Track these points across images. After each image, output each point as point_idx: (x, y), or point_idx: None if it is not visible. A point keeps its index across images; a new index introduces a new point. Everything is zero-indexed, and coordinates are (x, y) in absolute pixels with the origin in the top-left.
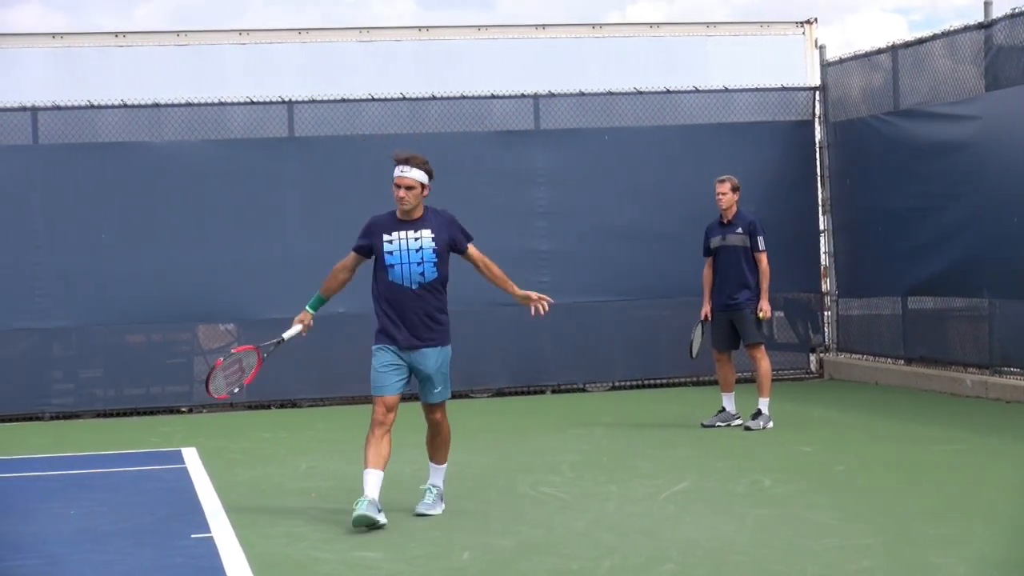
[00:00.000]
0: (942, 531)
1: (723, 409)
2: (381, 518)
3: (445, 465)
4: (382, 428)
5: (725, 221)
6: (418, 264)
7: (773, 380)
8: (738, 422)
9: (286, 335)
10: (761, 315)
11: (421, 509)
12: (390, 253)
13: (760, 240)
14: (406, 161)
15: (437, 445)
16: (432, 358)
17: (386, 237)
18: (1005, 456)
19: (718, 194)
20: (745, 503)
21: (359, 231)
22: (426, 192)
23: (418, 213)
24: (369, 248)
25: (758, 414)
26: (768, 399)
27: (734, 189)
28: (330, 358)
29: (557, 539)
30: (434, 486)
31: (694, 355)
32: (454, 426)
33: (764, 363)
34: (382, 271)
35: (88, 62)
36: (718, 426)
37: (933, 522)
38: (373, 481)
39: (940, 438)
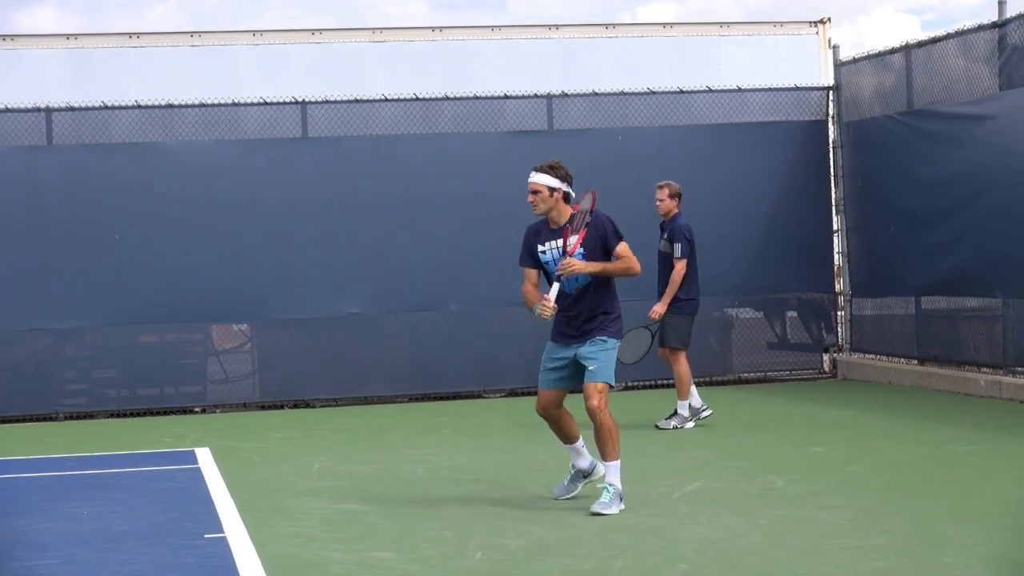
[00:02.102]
0: (957, 531)
1: (676, 412)
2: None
3: (616, 462)
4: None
5: (663, 226)
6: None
7: (787, 380)
8: (690, 425)
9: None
10: (650, 314)
11: (595, 508)
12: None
13: (678, 247)
14: (536, 168)
15: (598, 437)
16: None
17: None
18: (1020, 456)
19: (656, 200)
20: (758, 503)
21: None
22: (555, 196)
23: (559, 218)
24: None
25: (673, 414)
26: (687, 401)
27: (672, 195)
28: (343, 359)
29: (570, 539)
30: (610, 484)
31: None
32: (468, 426)
33: (678, 367)
34: None
35: (102, 63)
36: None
37: (947, 522)
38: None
39: (954, 438)
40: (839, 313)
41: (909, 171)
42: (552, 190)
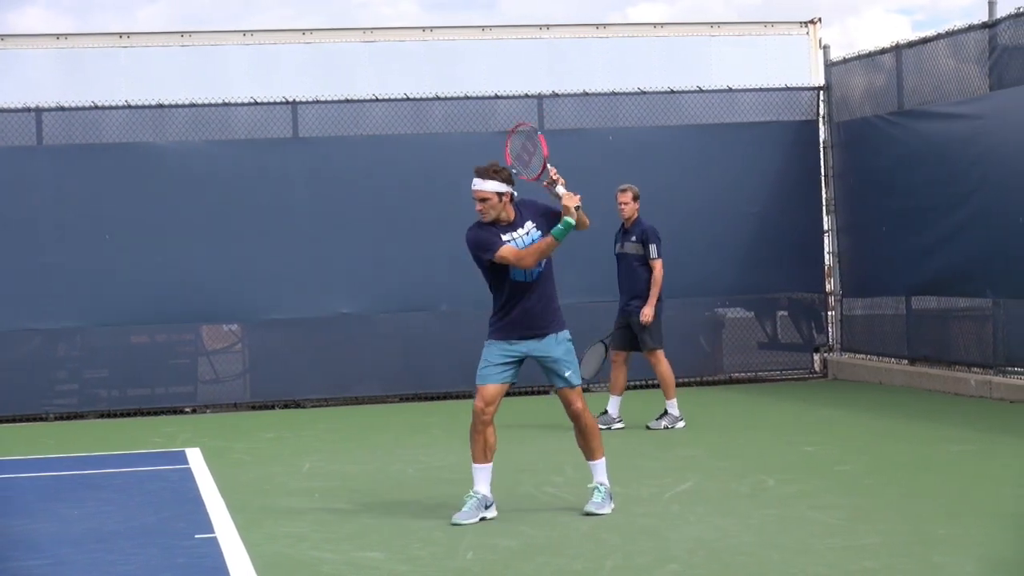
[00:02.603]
0: (948, 531)
1: (605, 411)
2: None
3: (603, 460)
4: (480, 423)
5: (625, 229)
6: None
7: (778, 380)
8: (619, 426)
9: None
10: (641, 320)
11: (588, 508)
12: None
13: (653, 248)
14: (481, 175)
15: (584, 437)
16: (548, 343)
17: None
18: (1010, 456)
19: (620, 203)
20: (749, 503)
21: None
22: (503, 200)
23: (507, 218)
24: None
25: (664, 414)
26: (675, 400)
27: (635, 198)
28: (334, 359)
29: (561, 539)
30: (600, 484)
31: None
32: (457, 426)
33: (660, 367)
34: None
35: (92, 63)
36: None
37: (938, 522)
38: (478, 476)
39: (945, 438)
40: (830, 313)
41: (899, 171)
42: (500, 195)
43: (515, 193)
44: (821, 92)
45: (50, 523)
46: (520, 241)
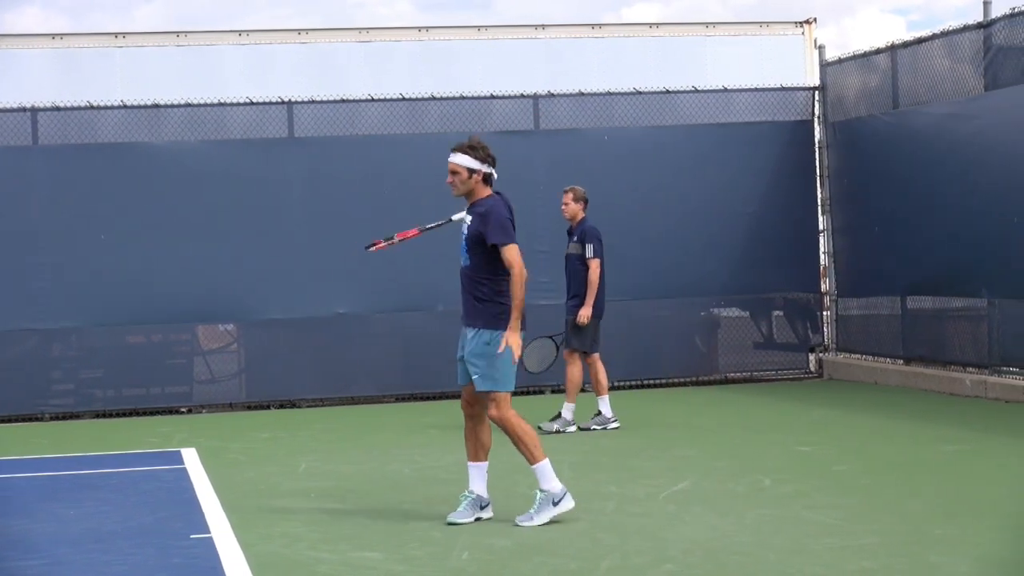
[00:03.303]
0: (943, 531)
1: (599, 412)
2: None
3: (531, 465)
4: (467, 420)
5: (570, 230)
6: (463, 246)
7: (773, 379)
8: (615, 425)
9: (455, 216)
10: (577, 320)
11: (517, 520)
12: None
13: (590, 248)
14: (455, 148)
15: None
16: (468, 339)
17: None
18: (1006, 456)
19: (561, 204)
20: (745, 503)
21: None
22: (474, 178)
23: (473, 198)
24: None
25: (596, 414)
26: (607, 397)
27: (577, 199)
28: (330, 359)
29: (557, 539)
30: (540, 490)
31: (528, 369)
32: (455, 426)
33: (570, 368)
34: None
35: (88, 63)
36: (594, 429)
37: (934, 522)
38: (472, 474)
39: (940, 438)
40: (825, 313)
41: (895, 171)
42: (471, 171)
43: (492, 175)
44: (816, 92)
45: (46, 523)
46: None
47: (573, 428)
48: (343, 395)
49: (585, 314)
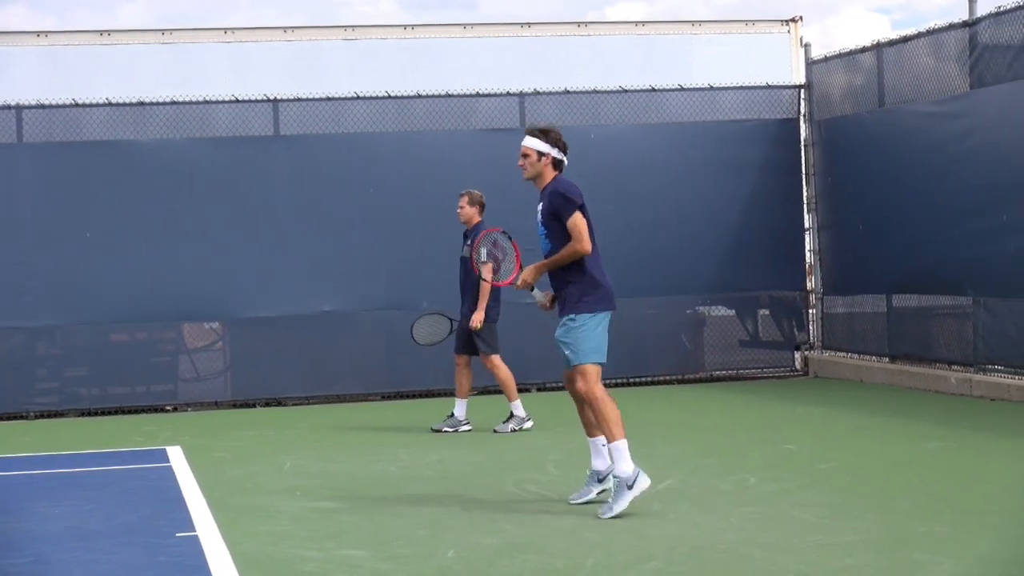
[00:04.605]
0: (928, 528)
1: (452, 414)
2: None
3: (608, 443)
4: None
5: (464, 234)
6: (541, 232)
7: (759, 377)
8: (466, 428)
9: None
10: (470, 325)
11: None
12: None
13: (483, 252)
14: (528, 130)
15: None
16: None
17: None
18: (990, 453)
19: (457, 207)
20: (730, 501)
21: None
22: (543, 161)
23: (541, 183)
24: None
25: (510, 416)
26: (519, 401)
27: (472, 203)
28: (316, 357)
29: (542, 537)
30: (614, 475)
31: (416, 338)
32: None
33: (498, 372)
34: None
35: (73, 60)
36: (446, 431)
37: (919, 519)
38: (591, 450)
39: (926, 435)
40: (811, 311)
41: (880, 169)
42: (540, 154)
43: (562, 160)
44: (802, 90)
45: (30, 522)
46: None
47: (530, 424)
48: (329, 393)
49: (478, 319)
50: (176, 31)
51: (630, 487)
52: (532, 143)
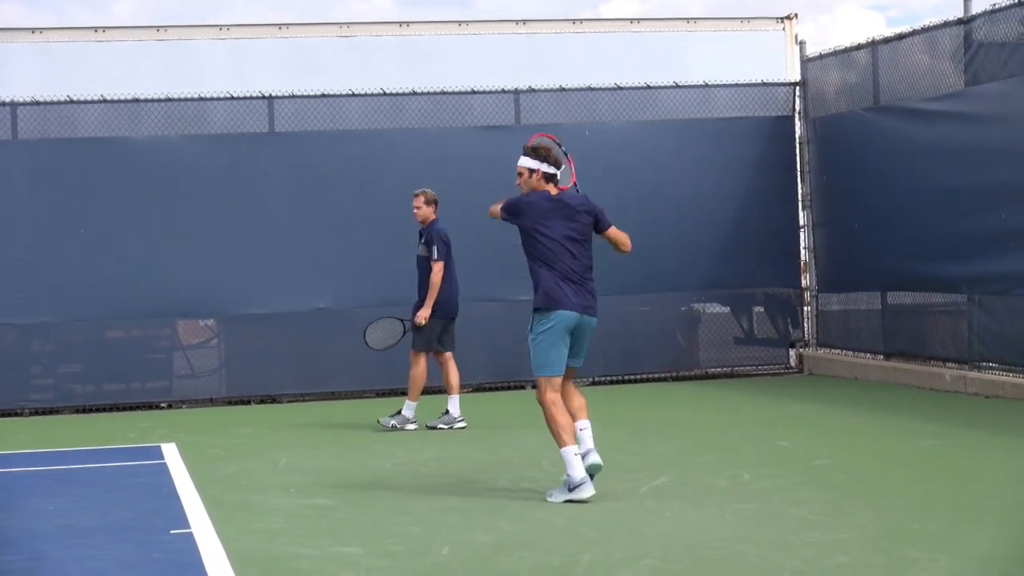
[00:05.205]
0: (923, 526)
1: (447, 411)
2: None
3: (559, 449)
4: None
5: (420, 232)
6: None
7: (753, 375)
8: (412, 427)
9: None
10: (415, 320)
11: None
12: None
13: (435, 249)
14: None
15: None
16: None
17: None
18: (985, 450)
19: (413, 207)
20: (725, 498)
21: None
22: (535, 176)
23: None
24: None
25: (397, 413)
26: (414, 403)
27: (427, 202)
28: (311, 354)
29: (537, 534)
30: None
31: (368, 342)
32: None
33: (414, 368)
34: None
35: (67, 57)
36: (441, 428)
37: (914, 517)
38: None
39: (920, 433)
40: (805, 308)
41: (875, 167)
42: (530, 171)
43: (552, 174)
44: (797, 88)
45: (25, 519)
46: None
47: (413, 426)
48: (324, 390)
49: (423, 315)
50: (171, 28)
51: (571, 490)
52: (522, 162)
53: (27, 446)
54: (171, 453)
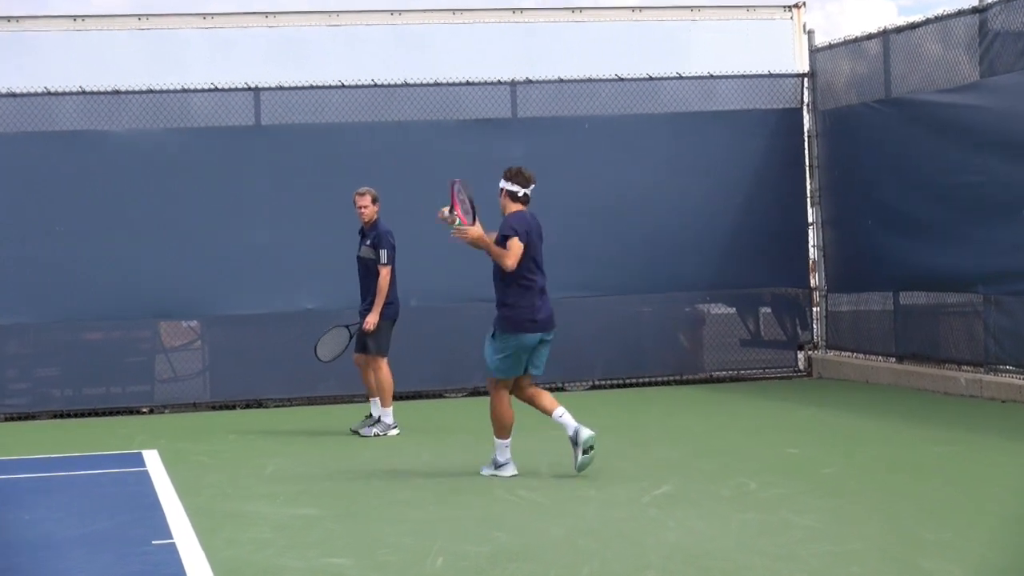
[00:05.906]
0: (936, 535)
1: (376, 418)
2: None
3: (496, 440)
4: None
5: (363, 232)
6: None
7: (760, 378)
8: (394, 432)
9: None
10: (364, 326)
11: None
12: None
13: (383, 253)
14: None
15: None
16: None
17: None
18: (1002, 457)
19: (359, 207)
20: (730, 507)
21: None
22: (502, 195)
23: (506, 213)
24: None
25: (376, 421)
26: (389, 408)
27: (374, 201)
28: (298, 357)
29: (535, 545)
30: (569, 440)
31: (320, 356)
32: (428, 427)
33: (379, 374)
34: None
35: (45, 47)
36: (364, 434)
37: (927, 526)
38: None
39: (934, 438)
40: (814, 309)
41: (887, 161)
42: (501, 190)
43: (514, 192)
44: (805, 79)
45: (0, 529)
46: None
47: (396, 431)
48: (311, 395)
49: (372, 321)
50: (153, 16)
51: (497, 468)
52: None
53: (2, 453)
54: (153, 460)
